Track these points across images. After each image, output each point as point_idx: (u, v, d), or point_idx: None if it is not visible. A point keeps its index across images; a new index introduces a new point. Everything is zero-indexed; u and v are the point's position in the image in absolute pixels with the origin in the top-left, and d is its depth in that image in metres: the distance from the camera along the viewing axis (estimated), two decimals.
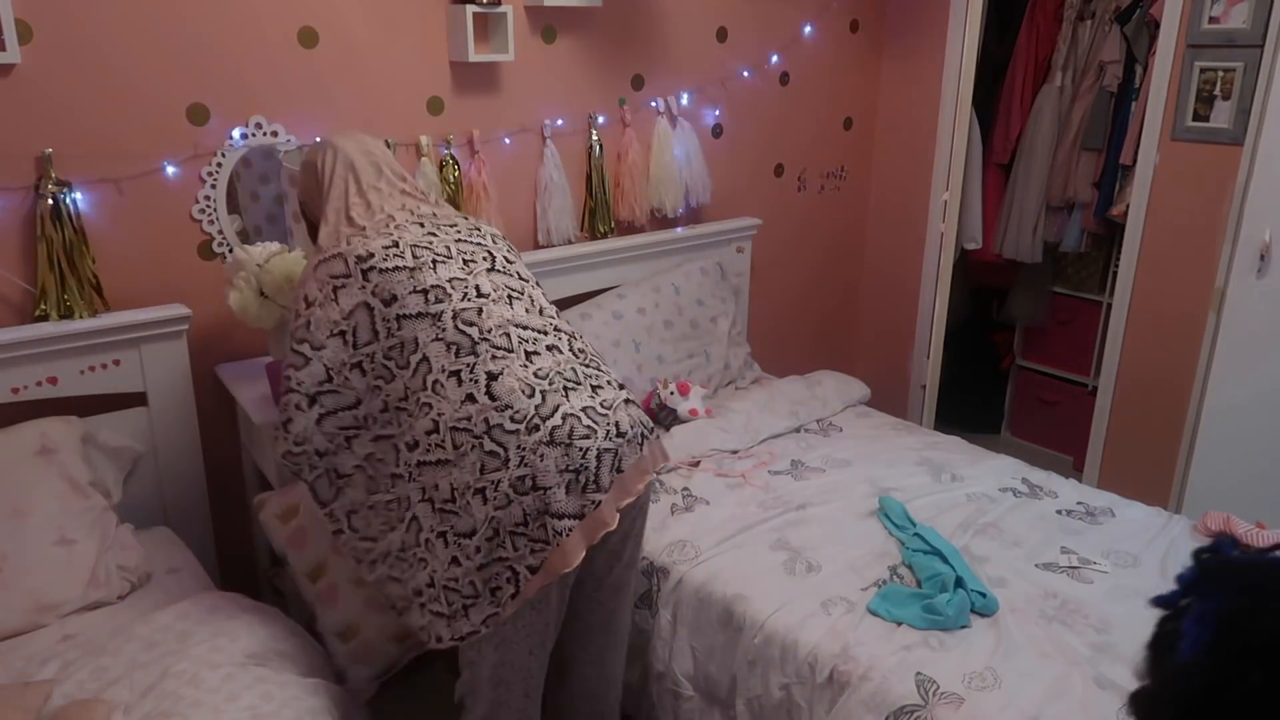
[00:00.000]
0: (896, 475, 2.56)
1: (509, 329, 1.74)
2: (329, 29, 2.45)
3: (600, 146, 3.03)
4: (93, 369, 2.20)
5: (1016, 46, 3.67)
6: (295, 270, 2.18)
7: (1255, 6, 2.70)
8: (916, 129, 3.77)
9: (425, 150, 2.64)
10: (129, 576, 2.04)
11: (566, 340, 1.81)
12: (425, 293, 1.72)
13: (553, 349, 1.76)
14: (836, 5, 3.57)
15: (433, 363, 1.68)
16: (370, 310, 1.73)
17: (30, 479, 2.02)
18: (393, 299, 1.72)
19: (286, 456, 1.81)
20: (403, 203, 1.90)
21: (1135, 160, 3.10)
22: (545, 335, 1.78)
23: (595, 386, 1.75)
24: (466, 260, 1.81)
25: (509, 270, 1.87)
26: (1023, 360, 4.17)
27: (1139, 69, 3.34)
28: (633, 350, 2.93)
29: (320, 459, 1.80)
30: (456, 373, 1.67)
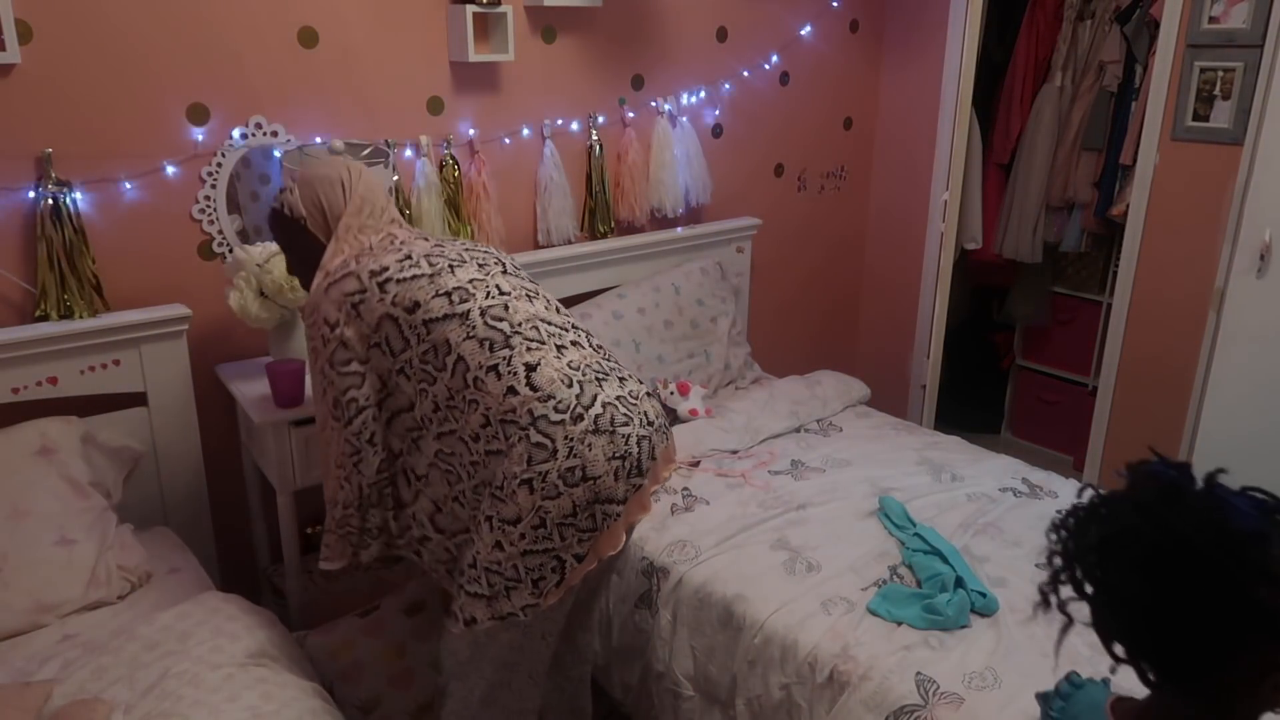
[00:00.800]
0: (896, 475, 2.56)
1: (536, 323, 1.76)
2: (329, 29, 2.45)
3: (600, 146, 3.03)
4: (93, 369, 2.20)
5: (1016, 46, 3.67)
6: None
7: (1255, 6, 2.69)
8: (916, 129, 3.76)
9: (425, 150, 2.64)
10: (129, 576, 2.04)
11: (585, 337, 1.84)
12: (449, 295, 1.74)
13: (576, 344, 1.78)
14: (837, 5, 3.57)
15: (469, 360, 1.69)
16: (395, 321, 1.74)
17: (30, 479, 2.02)
18: (415, 305, 1.73)
19: (339, 526, 1.83)
20: (402, 225, 1.95)
21: (1135, 160, 3.09)
22: (567, 332, 1.80)
23: (620, 379, 1.78)
24: (480, 264, 1.84)
25: (519, 274, 1.91)
26: (1023, 360, 4.16)
27: (1139, 69, 3.34)
28: (633, 350, 2.93)
29: (395, 460, 1.82)
30: (494, 367, 1.68)
